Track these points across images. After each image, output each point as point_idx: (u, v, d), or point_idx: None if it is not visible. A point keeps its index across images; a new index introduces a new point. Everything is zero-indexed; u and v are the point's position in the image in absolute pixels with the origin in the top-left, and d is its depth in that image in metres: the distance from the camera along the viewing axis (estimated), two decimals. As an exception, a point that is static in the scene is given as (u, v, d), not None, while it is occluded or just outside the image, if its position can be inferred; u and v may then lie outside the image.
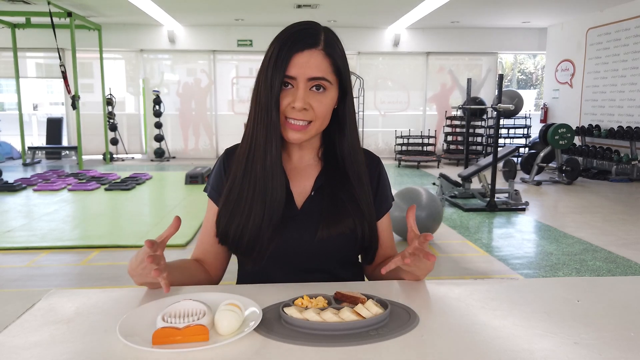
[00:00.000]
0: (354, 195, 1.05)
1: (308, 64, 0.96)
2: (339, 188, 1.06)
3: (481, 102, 9.69)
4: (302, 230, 1.04)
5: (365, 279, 1.19)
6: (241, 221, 1.01)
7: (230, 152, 1.12)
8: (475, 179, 6.05)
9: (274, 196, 1.01)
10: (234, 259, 1.17)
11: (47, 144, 10.38)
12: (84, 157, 9.63)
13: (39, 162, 9.79)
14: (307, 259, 1.05)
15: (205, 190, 1.13)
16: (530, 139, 9.77)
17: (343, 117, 1.06)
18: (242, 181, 1.03)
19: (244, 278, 1.13)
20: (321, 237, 1.02)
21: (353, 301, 0.85)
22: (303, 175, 1.09)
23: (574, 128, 7.77)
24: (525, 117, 9.87)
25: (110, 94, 10.04)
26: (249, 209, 1.01)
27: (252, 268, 1.06)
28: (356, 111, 1.44)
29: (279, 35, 1.00)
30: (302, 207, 1.06)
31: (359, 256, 1.16)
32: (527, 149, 9.09)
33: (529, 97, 17.03)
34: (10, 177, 7.44)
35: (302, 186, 1.08)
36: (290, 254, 1.04)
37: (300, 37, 0.97)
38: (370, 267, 1.16)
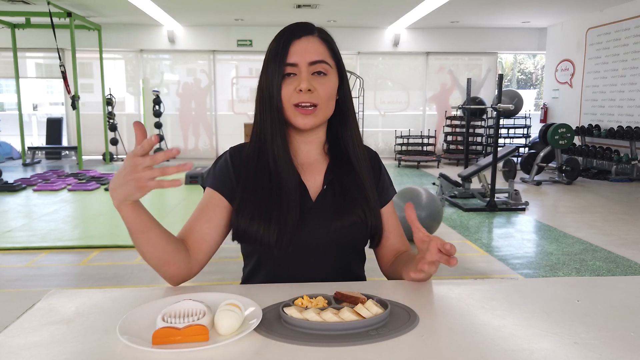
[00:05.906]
0: (360, 184, 1.09)
1: (307, 49, 1.02)
2: (348, 179, 1.09)
3: (481, 102, 9.69)
4: (317, 223, 1.06)
5: (366, 278, 1.19)
6: (263, 216, 1.01)
7: (237, 150, 1.12)
8: (475, 179, 6.05)
9: (289, 186, 1.03)
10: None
11: (47, 144, 10.38)
12: (84, 157, 9.62)
13: (38, 162, 9.79)
14: (322, 251, 1.07)
15: (204, 185, 1.11)
16: (530, 138, 9.77)
17: (343, 104, 1.10)
18: (255, 177, 1.05)
19: (257, 275, 1.11)
20: (335, 228, 1.05)
21: (353, 301, 0.85)
22: (313, 170, 1.12)
23: (574, 128, 7.77)
24: (525, 117, 9.87)
25: (110, 94, 10.03)
26: (269, 203, 1.02)
27: (277, 256, 1.04)
28: (356, 111, 1.45)
29: (276, 35, 1.06)
30: (316, 200, 1.08)
31: (367, 246, 1.17)
32: (527, 148, 9.09)
33: (528, 97, 17.01)
34: (10, 177, 7.44)
35: (313, 180, 1.10)
36: (306, 246, 1.05)
37: (296, 27, 1.05)
38: (386, 265, 1.18)
